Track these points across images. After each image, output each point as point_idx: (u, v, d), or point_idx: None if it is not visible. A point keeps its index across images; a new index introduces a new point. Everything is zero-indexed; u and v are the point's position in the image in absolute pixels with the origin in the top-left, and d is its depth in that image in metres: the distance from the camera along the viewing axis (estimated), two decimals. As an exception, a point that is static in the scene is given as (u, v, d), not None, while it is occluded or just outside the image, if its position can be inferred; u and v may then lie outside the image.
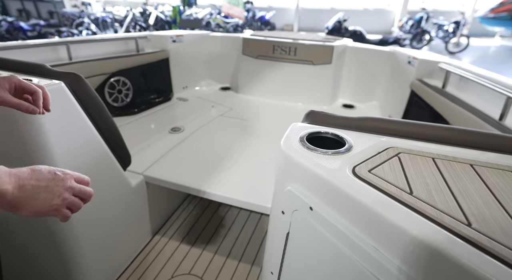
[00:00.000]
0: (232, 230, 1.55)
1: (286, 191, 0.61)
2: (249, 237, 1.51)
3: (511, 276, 0.35)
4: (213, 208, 1.70)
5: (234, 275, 1.31)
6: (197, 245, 1.45)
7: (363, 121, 0.70)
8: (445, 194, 0.49)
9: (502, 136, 0.65)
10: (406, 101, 1.71)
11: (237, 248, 1.45)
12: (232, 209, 1.70)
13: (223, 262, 1.37)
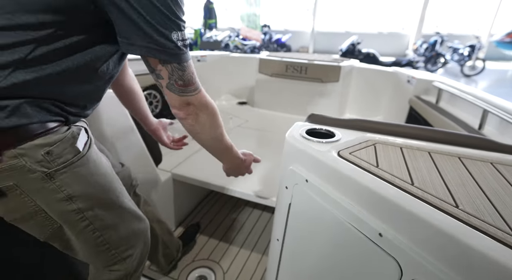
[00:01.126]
0: (246, 225, 1.74)
1: (289, 170, 0.81)
2: (261, 231, 1.69)
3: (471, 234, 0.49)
4: (231, 205, 1.91)
5: (246, 262, 1.48)
6: (215, 236, 1.65)
7: (351, 121, 0.90)
8: (402, 168, 0.67)
9: (457, 134, 0.84)
10: (406, 115, 1.89)
11: (250, 239, 1.63)
12: (247, 207, 1.90)
13: (237, 251, 1.55)
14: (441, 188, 0.60)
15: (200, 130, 0.79)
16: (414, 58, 7.26)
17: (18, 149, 0.57)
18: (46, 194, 0.64)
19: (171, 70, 0.66)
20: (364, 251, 0.62)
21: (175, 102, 0.72)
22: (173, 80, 0.67)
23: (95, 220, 0.73)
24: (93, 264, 0.85)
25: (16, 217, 0.65)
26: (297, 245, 0.85)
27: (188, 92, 0.71)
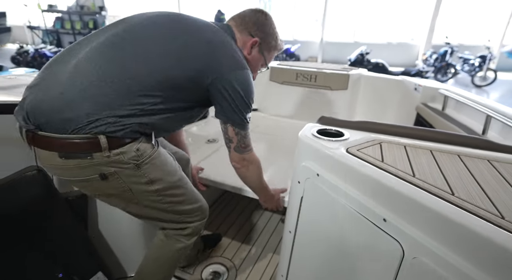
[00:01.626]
0: (258, 225, 1.81)
1: (301, 166, 0.88)
2: (272, 230, 1.76)
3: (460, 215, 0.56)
4: (243, 205, 1.99)
5: (258, 259, 1.55)
6: (228, 234, 1.72)
7: (359, 123, 0.98)
8: (405, 163, 0.74)
9: (457, 135, 0.90)
10: (413, 122, 1.95)
11: (262, 238, 1.69)
12: (259, 207, 1.98)
13: (249, 249, 1.62)
14: (440, 179, 0.66)
15: (249, 176, 1.15)
16: (423, 69, 7.29)
17: (120, 149, 0.84)
18: (134, 179, 0.90)
19: (239, 138, 1.03)
20: (370, 235, 0.69)
21: (237, 158, 1.08)
22: (239, 144, 1.05)
23: (167, 197, 0.99)
24: (164, 226, 1.10)
25: (109, 192, 0.92)
26: (309, 235, 0.91)
27: (245, 151, 1.07)
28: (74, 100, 0.79)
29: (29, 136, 0.83)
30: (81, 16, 10.56)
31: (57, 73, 0.84)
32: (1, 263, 0.98)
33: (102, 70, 0.81)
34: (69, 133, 0.78)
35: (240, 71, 0.95)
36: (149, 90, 0.84)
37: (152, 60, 0.85)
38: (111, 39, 0.88)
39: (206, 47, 0.93)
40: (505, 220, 0.53)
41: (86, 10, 10.38)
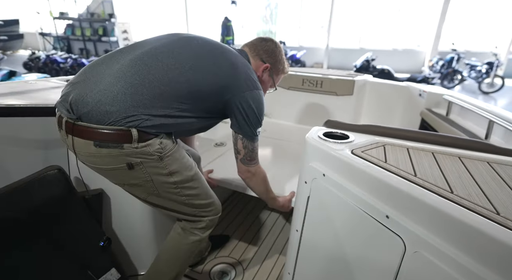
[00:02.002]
0: (265, 226, 1.85)
1: (308, 166, 0.93)
2: (278, 231, 1.79)
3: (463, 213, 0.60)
4: (251, 206, 2.04)
5: (264, 260, 1.58)
6: (235, 235, 1.76)
7: (364, 126, 1.02)
8: (407, 164, 0.78)
9: (459, 138, 0.94)
10: (417, 127, 1.98)
11: (268, 239, 1.73)
12: (266, 209, 2.02)
13: (256, 249, 1.66)
14: (440, 179, 0.70)
15: (253, 186, 1.27)
16: (429, 75, 7.30)
17: (147, 142, 0.94)
18: (157, 170, 0.99)
19: (247, 151, 1.15)
20: (374, 231, 0.73)
21: (242, 169, 1.20)
22: (246, 157, 1.16)
23: (184, 190, 1.08)
24: (180, 217, 1.18)
25: (133, 182, 1.01)
26: (315, 232, 0.95)
27: (251, 164, 1.18)
28: (117, 97, 0.90)
29: (69, 126, 0.93)
30: (91, 23, 10.80)
31: (101, 73, 0.95)
32: (22, 259, 1.03)
33: (143, 75, 0.94)
34: (106, 124, 0.89)
35: (256, 91, 1.10)
36: (179, 97, 0.98)
37: (185, 72, 0.99)
38: (153, 51, 1.01)
39: (230, 68, 1.07)
40: (500, 216, 0.57)
41: (96, 17, 10.61)
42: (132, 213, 1.37)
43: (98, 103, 0.89)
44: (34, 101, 1.28)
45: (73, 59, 8.34)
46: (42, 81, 1.73)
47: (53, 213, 1.11)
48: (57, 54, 8.75)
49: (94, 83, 0.93)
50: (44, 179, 1.08)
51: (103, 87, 0.91)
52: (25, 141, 1.38)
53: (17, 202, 1.02)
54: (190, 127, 1.08)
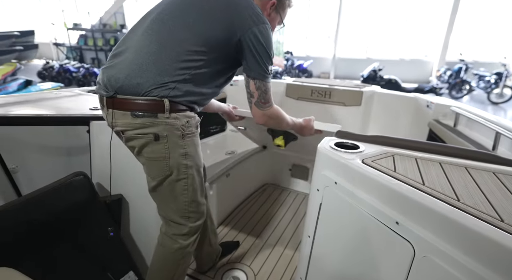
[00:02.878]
0: (275, 232, 1.91)
1: (321, 174, 0.98)
2: (288, 238, 1.84)
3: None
4: (261, 213, 2.09)
5: (275, 266, 1.62)
6: (247, 240, 1.82)
7: (373, 137, 1.07)
8: (415, 173, 0.83)
9: (466, 149, 0.98)
10: (425, 138, 2.01)
11: (279, 246, 1.78)
12: (276, 217, 2.09)
13: (267, 255, 1.71)
14: (447, 188, 0.75)
15: (275, 126, 1.32)
16: (437, 85, 7.30)
17: (177, 114, 1.02)
18: (176, 147, 1.06)
19: (260, 93, 1.13)
20: (384, 237, 0.77)
21: (257, 114, 1.18)
22: (260, 99, 1.14)
23: (189, 177, 1.12)
24: (168, 216, 1.18)
25: (152, 156, 1.06)
26: (327, 238, 1.00)
27: (265, 107, 1.17)
28: (142, 67, 0.99)
29: (109, 102, 1.03)
30: (103, 33, 11.11)
31: (125, 49, 1.06)
32: (48, 260, 1.09)
33: (158, 42, 1.01)
34: (141, 95, 0.99)
35: (262, 25, 1.07)
36: (193, 53, 1.02)
37: (191, 27, 1.03)
38: (158, 16, 1.07)
39: (231, 6, 1.05)
40: (504, 222, 0.61)
41: (108, 28, 10.92)
42: (149, 218, 1.43)
43: (128, 77, 0.99)
44: (58, 111, 1.36)
45: (85, 69, 8.57)
46: (64, 91, 1.82)
47: (77, 217, 1.18)
48: (70, 64, 9.00)
49: (121, 60, 1.03)
50: (70, 185, 1.14)
51: (129, 61, 1.01)
52: (50, 148, 1.45)
53: (45, 206, 1.09)
54: (211, 87, 1.12)
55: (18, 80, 5.25)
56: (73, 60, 11.14)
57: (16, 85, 5.17)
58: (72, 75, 8.59)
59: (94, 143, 1.34)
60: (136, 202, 1.41)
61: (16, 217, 1.03)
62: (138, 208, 1.42)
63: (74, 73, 8.59)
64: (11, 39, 9.37)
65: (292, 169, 2.36)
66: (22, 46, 8.87)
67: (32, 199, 1.07)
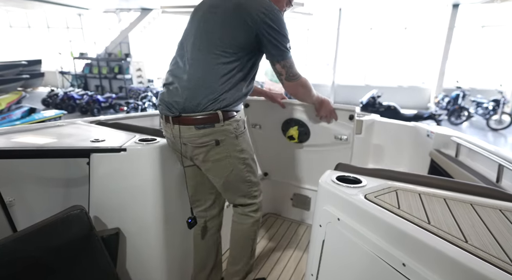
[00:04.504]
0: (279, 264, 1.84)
1: (322, 210, 0.95)
2: (292, 270, 1.77)
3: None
4: (266, 239, 2.05)
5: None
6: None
7: (375, 171, 1.06)
8: (420, 210, 0.81)
9: (470, 184, 0.96)
10: (427, 168, 2.00)
11: (285, 273, 1.71)
12: (282, 241, 2.09)
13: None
14: (454, 227, 0.73)
15: (304, 97, 1.50)
16: (436, 111, 7.37)
17: (229, 121, 1.24)
18: (233, 147, 1.27)
19: (286, 69, 1.29)
20: (390, 279, 0.74)
21: (290, 87, 1.34)
22: (288, 74, 1.30)
23: (248, 166, 1.34)
24: (239, 202, 1.41)
25: (217, 157, 1.27)
26: (330, 278, 0.95)
27: (295, 79, 1.33)
28: (196, 91, 1.21)
29: (175, 120, 1.25)
30: (108, 62, 11.43)
31: (178, 81, 1.26)
32: (39, 299, 1.05)
33: (201, 70, 1.22)
34: (199, 111, 1.21)
35: (271, 13, 1.19)
36: (227, 65, 1.21)
37: (220, 44, 1.21)
38: (193, 50, 1.25)
39: (236, 7, 1.19)
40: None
41: (113, 57, 11.26)
42: (146, 252, 1.39)
43: (186, 100, 1.21)
44: (58, 143, 1.36)
45: (89, 96, 8.73)
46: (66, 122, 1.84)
47: (73, 252, 1.14)
48: (74, 91, 9.18)
49: (177, 87, 1.24)
50: (67, 219, 1.12)
51: (184, 87, 1.23)
52: (48, 181, 1.44)
53: (41, 242, 1.06)
54: (247, 83, 1.31)
55: (22, 108, 5.33)
56: (77, 87, 11.38)
57: (20, 113, 5.23)
58: (75, 102, 8.72)
59: (93, 175, 1.33)
60: (134, 236, 1.37)
61: (11, 253, 1.00)
62: (135, 242, 1.38)
63: (77, 100, 8.73)
64: (18, 68, 9.64)
65: (293, 199, 2.32)
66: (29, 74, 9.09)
67: (27, 235, 1.04)
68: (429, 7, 9.61)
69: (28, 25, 13.76)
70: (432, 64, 10.14)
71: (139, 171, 1.31)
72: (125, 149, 1.28)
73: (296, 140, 1.82)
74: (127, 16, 11.29)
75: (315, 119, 1.78)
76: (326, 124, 1.75)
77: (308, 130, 1.85)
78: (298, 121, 1.84)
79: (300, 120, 1.84)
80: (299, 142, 1.92)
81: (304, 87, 1.40)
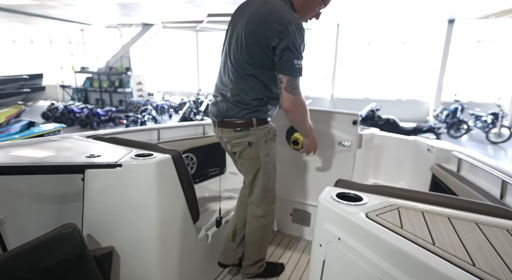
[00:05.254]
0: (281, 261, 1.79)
1: (323, 229, 0.92)
2: (294, 264, 1.72)
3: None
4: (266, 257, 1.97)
5: None
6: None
7: (376, 187, 1.03)
8: (424, 230, 0.78)
9: (474, 202, 0.94)
10: (429, 182, 1.96)
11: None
12: (282, 258, 1.98)
13: None
14: (460, 249, 0.70)
15: (298, 117, 1.46)
16: (435, 125, 7.38)
17: (261, 126, 1.46)
18: (262, 149, 1.50)
19: (288, 79, 1.33)
20: (395, 304, 0.70)
21: (287, 100, 1.36)
22: (289, 84, 1.33)
23: (270, 170, 1.55)
24: (254, 201, 1.62)
25: (249, 156, 1.51)
26: (332, 301, 0.91)
27: (294, 92, 1.35)
28: (234, 105, 1.44)
29: (220, 124, 1.52)
30: (109, 76, 11.52)
31: (221, 94, 1.51)
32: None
33: (237, 89, 1.43)
34: (239, 117, 1.45)
35: (285, 28, 1.25)
36: (256, 79, 1.40)
37: (248, 60, 1.38)
38: (229, 68, 1.45)
39: (260, 20, 1.31)
40: None
41: (114, 70, 11.36)
42: (139, 271, 1.34)
43: (227, 110, 1.46)
44: (53, 158, 1.34)
45: (89, 109, 8.75)
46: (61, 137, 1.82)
47: (64, 272, 1.09)
48: (74, 105, 9.21)
49: (220, 100, 1.49)
50: (58, 238, 1.08)
51: (225, 99, 1.47)
52: (41, 197, 1.41)
53: (32, 262, 1.02)
54: (275, 95, 1.46)
55: (21, 122, 5.32)
56: (78, 101, 11.43)
57: (19, 127, 5.22)
58: (75, 116, 8.73)
59: (88, 192, 1.30)
60: (128, 255, 1.33)
61: (0, 274, 0.96)
62: (129, 261, 1.33)
63: (77, 114, 8.75)
64: (20, 82, 9.71)
65: (293, 214, 2.27)
66: (30, 88, 9.16)
67: (17, 255, 1.00)
68: (425, 22, 9.78)
69: (31, 40, 13.96)
70: (430, 77, 10.23)
71: (135, 188, 1.28)
72: (121, 164, 1.25)
73: (300, 145, 1.80)
74: (128, 31, 11.46)
75: (319, 125, 1.79)
76: (331, 130, 1.80)
77: None
78: None
79: None
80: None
81: (303, 107, 1.42)
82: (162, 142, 2.13)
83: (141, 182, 1.27)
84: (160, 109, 9.94)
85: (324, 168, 1.91)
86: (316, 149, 1.63)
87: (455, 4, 7.01)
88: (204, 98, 9.67)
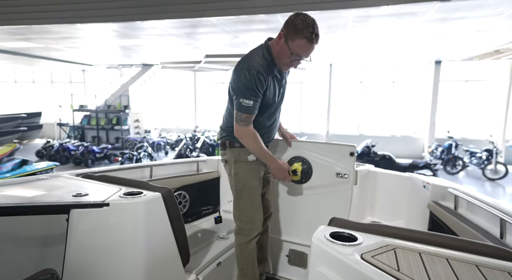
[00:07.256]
0: None
1: (317, 272, 0.87)
2: None
3: None
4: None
5: None
6: None
7: (372, 226, 0.99)
8: (422, 274, 0.73)
9: (473, 242, 0.90)
10: (427, 221, 1.91)
11: None
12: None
13: None
14: None
15: (247, 144, 1.61)
16: (431, 161, 7.40)
17: (232, 149, 1.68)
18: (233, 168, 1.69)
19: (237, 113, 1.54)
20: None
21: (235, 128, 1.58)
22: (236, 116, 1.55)
23: (239, 189, 1.69)
24: (234, 216, 1.75)
25: (228, 173, 1.75)
26: None
27: (241, 124, 1.55)
28: (221, 130, 1.76)
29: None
30: (106, 113, 11.68)
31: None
32: None
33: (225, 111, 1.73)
34: (220, 138, 1.74)
35: (236, 70, 1.51)
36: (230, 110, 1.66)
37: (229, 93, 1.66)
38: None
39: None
40: None
41: (112, 109, 11.54)
42: None
43: (219, 134, 1.75)
44: (37, 198, 1.29)
45: (84, 147, 8.72)
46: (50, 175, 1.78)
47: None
48: (70, 142, 9.20)
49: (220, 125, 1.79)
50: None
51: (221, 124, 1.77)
52: (22, 239, 1.34)
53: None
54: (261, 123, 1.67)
55: (13, 160, 5.27)
56: (74, 138, 11.44)
57: (11, 165, 5.16)
58: (70, 153, 8.68)
59: (71, 233, 1.24)
60: None
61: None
62: None
63: (72, 151, 8.70)
64: (17, 121, 9.79)
65: (289, 256, 2.17)
66: (27, 126, 9.23)
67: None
68: (414, 63, 10.25)
69: (33, 80, 14.32)
70: (423, 114, 10.48)
71: (122, 228, 1.23)
72: (108, 203, 1.21)
73: (298, 176, 1.82)
74: (129, 71, 11.85)
75: (318, 157, 1.84)
76: (329, 161, 1.83)
77: (310, 167, 1.90)
78: (302, 159, 1.91)
79: (304, 157, 1.91)
80: (301, 181, 1.92)
81: (249, 136, 1.58)
82: (154, 179, 2.09)
83: (128, 222, 1.22)
84: (156, 146, 9.94)
85: (321, 205, 1.86)
86: (286, 177, 1.72)
87: (439, 48, 7.41)
88: (200, 135, 9.72)
